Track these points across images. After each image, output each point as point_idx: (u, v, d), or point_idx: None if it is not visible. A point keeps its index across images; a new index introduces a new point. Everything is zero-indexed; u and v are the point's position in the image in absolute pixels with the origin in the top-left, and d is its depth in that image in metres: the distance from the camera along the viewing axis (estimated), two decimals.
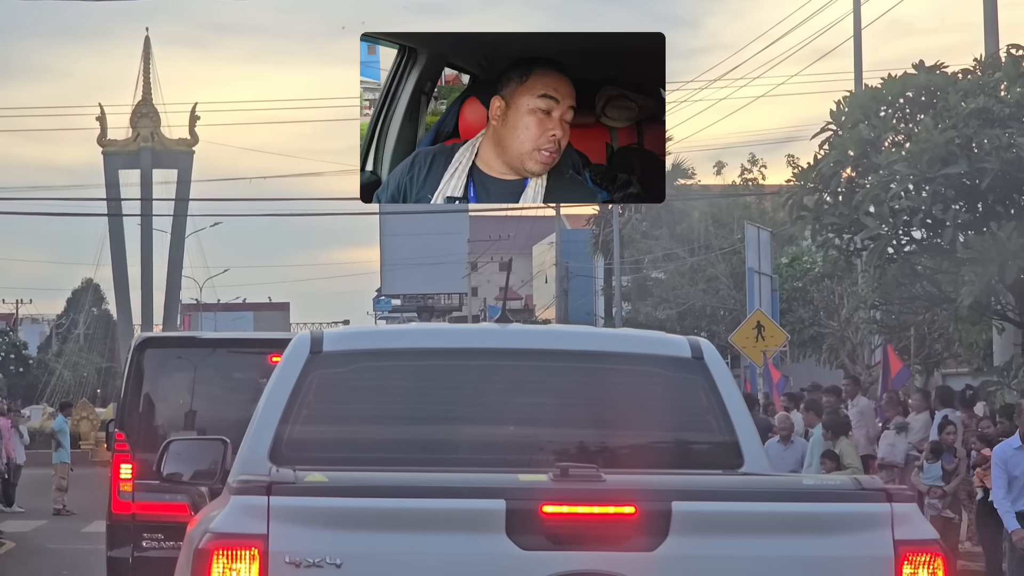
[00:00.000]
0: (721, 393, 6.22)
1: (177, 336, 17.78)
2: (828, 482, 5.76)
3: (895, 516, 4.83)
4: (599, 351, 6.42)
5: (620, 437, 6.17)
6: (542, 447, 6.09)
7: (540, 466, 5.51)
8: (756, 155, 62.51)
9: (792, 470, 16.78)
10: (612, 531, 4.73)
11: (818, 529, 4.83)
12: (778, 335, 27.41)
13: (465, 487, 4.86)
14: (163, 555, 11.46)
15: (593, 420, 6.22)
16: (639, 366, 6.31)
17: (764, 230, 32.15)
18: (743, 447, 6.15)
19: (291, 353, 6.21)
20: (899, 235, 17.36)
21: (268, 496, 4.71)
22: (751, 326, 27.37)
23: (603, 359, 6.33)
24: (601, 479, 4.87)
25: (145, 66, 64.60)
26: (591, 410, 6.24)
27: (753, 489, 5.13)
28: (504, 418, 6.26)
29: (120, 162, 62.71)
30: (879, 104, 17.50)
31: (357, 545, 4.69)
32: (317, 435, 6.03)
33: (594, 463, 5.18)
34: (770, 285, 31.21)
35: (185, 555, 5.12)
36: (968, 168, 16.01)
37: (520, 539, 4.70)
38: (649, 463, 5.95)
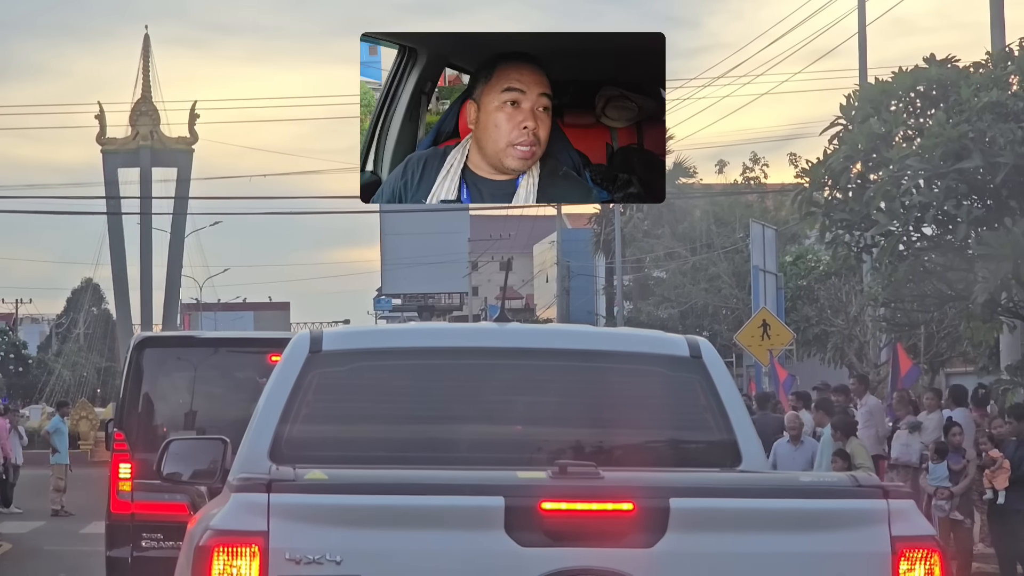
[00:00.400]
0: (719, 392, 6.23)
1: (176, 336, 17.76)
2: (825, 479, 5.75)
3: (892, 512, 4.84)
4: (598, 350, 6.44)
5: (619, 435, 6.18)
6: (541, 446, 6.12)
7: (539, 464, 5.48)
8: (758, 153, 61.51)
9: (802, 470, 16.53)
10: (610, 527, 4.73)
11: (815, 525, 4.83)
12: (784, 333, 27.16)
13: (464, 484, 4.87)
14: (162, 555, 11.43)
15: (592, 419, 6.23)
16: (638, 365, 6.33)
17: (769, 228, 31.86)
18: (741, 446, 6.16)
19: (291, 352, 6.23)
20: (910, 231, 17.05)
21: (268, 493, 4.73)
22: (756, 324, 27.12)
23: (602, 358, 6.35)
24: (599, 476, 4.87)
25: (144, 64, 64.28)
26: (590, 409, 6.25)
27: (751, 486, 5.14)
28: (503, 417, 6.27)
29: (119, 161, 62.33)
30: (889, 98, 17.20)
31: (357, 542, 4.70)
32: (317, 434, 6.05)
33: (592, 461, 5.20)
34: (775, 283, 30.95)
35: (185, 553, 5.13)
36: (982, 163, 15.70)
37: (519, 536, 4.71)
38: (647, 461, 5.97)
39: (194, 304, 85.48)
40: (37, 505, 26.52)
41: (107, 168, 61.76)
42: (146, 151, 62.12)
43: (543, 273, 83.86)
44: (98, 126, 62.89)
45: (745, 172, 61.40)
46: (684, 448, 6.24)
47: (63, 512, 26.02)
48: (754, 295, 30.34)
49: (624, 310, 58.56)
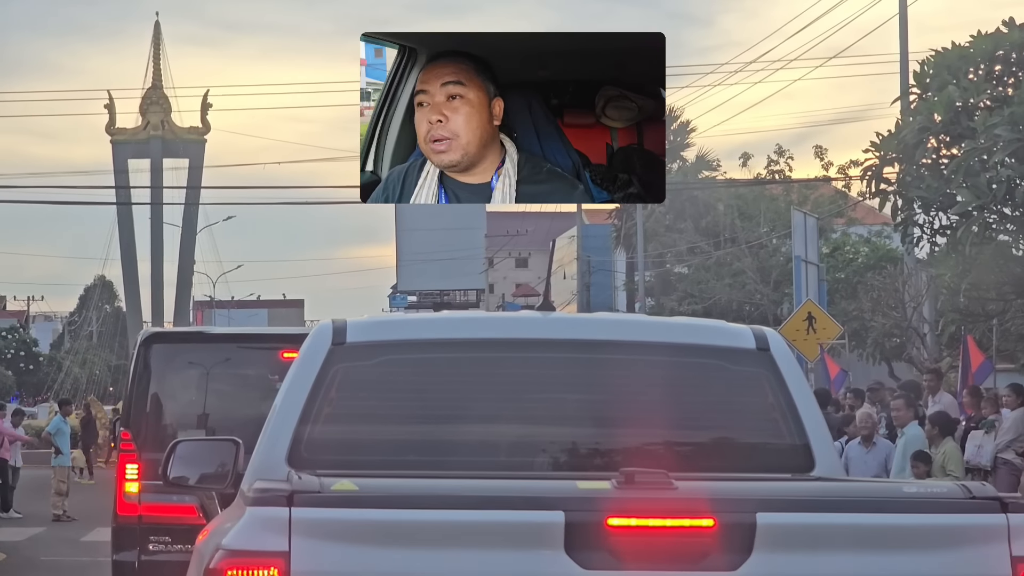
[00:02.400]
0: (789, 388, 5.70)
1: (185, 331, 16.99)
2: (933, 489, 4.86)
3: (1012, 529, 4.32)
4: (654, 342, 5.86)
5: (678, 437, 5.68)
6: (596, 449, 5.62)
7: (594, 470, 5.13)
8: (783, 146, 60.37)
9: (875, 475, 15.02)
10: (688, 547, 4.23)
11: (923, 544, 4.32)
12: (831, 327, 25.71)
13: (517, 496, 4.34)
14: (170, 559, 11.16)
15: (648, 419, 5.66)
16: (698, 358, 5.81)
17: (811, 216, 30.31)
18: (814, 448, 5.64)
19: (311, 345, 5.68)
20: (994, 211, 15.40)
21: (290, 507, 4.19)
22: (801, 317, 25.70)
23: (657, 350, 5.79)
24: (672, 487, 4.34)
25: (155, 52, 62.59)
26: (646, 408, 5.69)
27: (846, 498, 4.58)
28: (548, 417, 5.69)
29: (129, 151, 60.94)
30: (968, 64, 15.58)
31: (392, 564, 4.20)
32: (340, 436, 5.53)
33: (656, 467, 4.58)
34: (817, 275, 29.44)
35: (195, 573, 4.63)
36: None
37: (581, 556, 4.22)
38: (711, 467, 5.43)
39: (207, 302, 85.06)
40: (38, 509, 25.28)
41: (117, 158, 60.33)
42: (157, 141, 60.63)
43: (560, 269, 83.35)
44: (108, 115, 61.33)
45: (769, 165, 60.58)
46: (751, 451, 5.69)
47: (65, 517, 24.91)
48: (796, 287, 28.89)
49: (646, 306, 57.59)
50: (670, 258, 64.31)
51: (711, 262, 59.04)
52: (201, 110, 62.13)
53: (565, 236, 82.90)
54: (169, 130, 61.15)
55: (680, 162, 67.81)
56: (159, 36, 62.64)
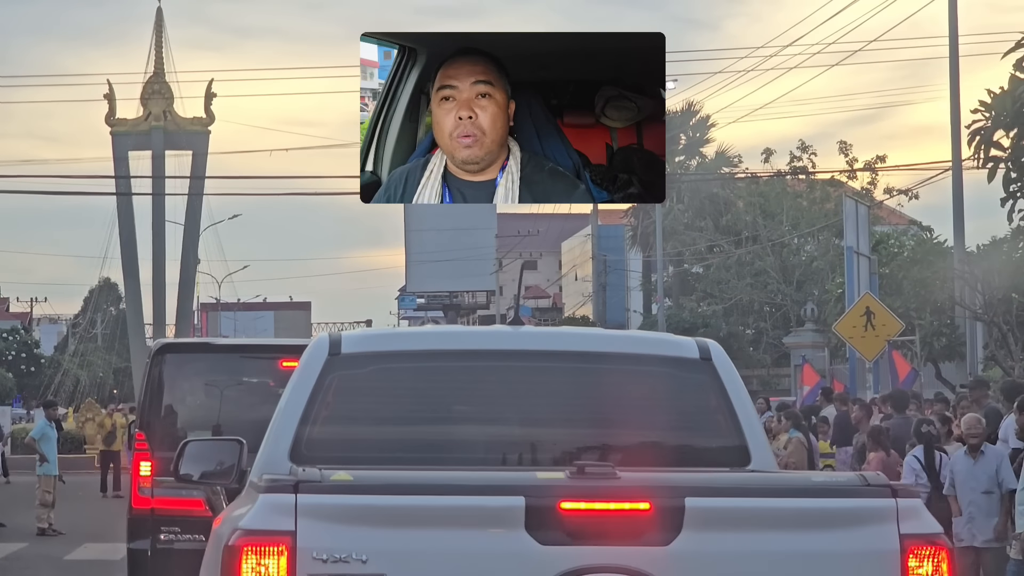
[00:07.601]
0: (728, 393, 6.36)
1: (194, 343, 19.49)
2: (835, 478, 5.88)
3: (900, 511, 5.01)
4: (609, 352, 6.56)
5: (631, 436, 6.31)
6: (557, 447, 6.27)
7: (556, 465, 5.78)
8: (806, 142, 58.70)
9: (986, 490, 12.87)
10: (628, 526, 4.94)
11: (825, 524, 5.02)
12: (891, 323, 23.69)
13: (486, 485, 5.11)
14: (180, 547, 12.28)
15: (605, 420, 6.35)
16: (649, 367, 6.47)
17: (863, 204, 28.16)
18: (750, 447, 6.29)
19: (310, 355, 6.38)
20: None
21: (296, 494, 4.92)
22: (859, 313, 23.73)
23: (614, 360, 6.47)
24: (616, 476, 5.07)
25: (157, 39, 60.38)
26: (603, 410, 6.38)
27: (763, 485, 5.35)
28: (518, 418, 6.39)
29: (130, 143, 58.98)
30: None
31: (381, 541, 4.90)
32: (336, 436, 6.20)
33: (608, 461, 5.41)
34: (868, 267, 27.36)
35: (213, 552, 5.27)
36: None
37: (539, 534, 4.92)
38: (659, 462, 6.07)
39: (213, 304, 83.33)
40: (25, 521, 23.26)
41: (117, 150, 58.29)
42: (159, 132, 58.60)
43: (572, 271, 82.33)
44: (107, 105, 59.24)
45: (792, 161, 59.13)
46: (694, 449, 6.34)
47: (50, 531, 22.90)
48: (848, 279, 26.92)
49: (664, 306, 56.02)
50: (688, 257, 62.85)
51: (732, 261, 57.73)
52: (205, 100, 59.98)
53: (577, 237, 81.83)
54: (171, 120, 59.12)
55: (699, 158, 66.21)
56: (161, 23, 60.46)
